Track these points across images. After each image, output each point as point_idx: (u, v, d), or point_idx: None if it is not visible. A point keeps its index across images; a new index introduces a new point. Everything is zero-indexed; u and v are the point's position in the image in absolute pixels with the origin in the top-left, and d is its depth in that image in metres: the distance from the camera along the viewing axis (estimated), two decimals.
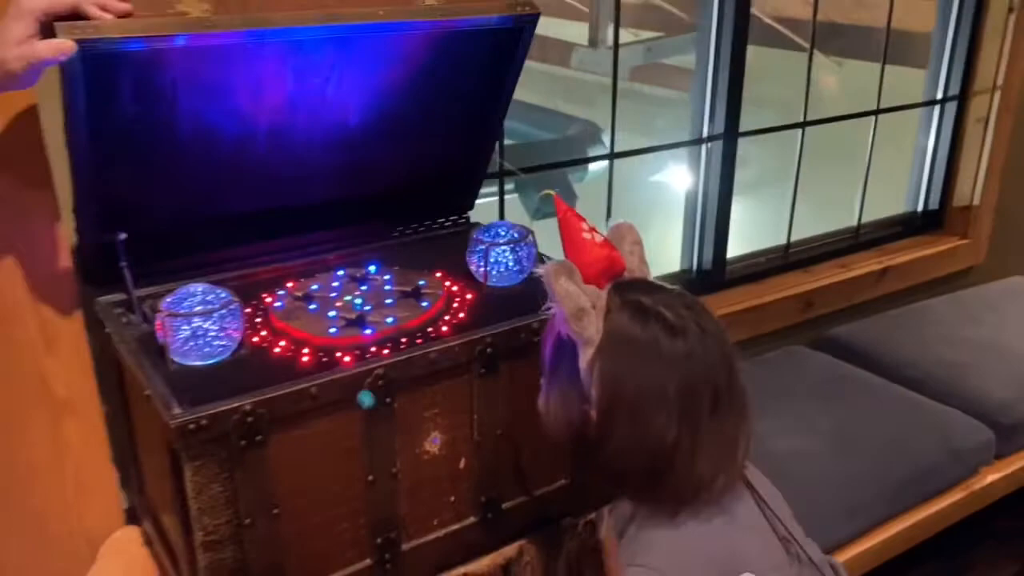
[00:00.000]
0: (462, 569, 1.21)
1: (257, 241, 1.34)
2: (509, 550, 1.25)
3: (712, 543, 0.97)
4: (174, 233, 1.28)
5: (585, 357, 0.93)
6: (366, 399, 1.04)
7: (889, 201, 2.67)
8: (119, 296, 1.22)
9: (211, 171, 1.25)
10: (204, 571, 1.00)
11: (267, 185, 1.32)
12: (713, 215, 2.15)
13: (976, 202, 2.56)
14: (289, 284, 1.28)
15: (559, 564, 1.32)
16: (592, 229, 1.04)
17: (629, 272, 1.02)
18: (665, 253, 2.26)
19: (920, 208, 2.65)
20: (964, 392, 2.00)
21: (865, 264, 2.40)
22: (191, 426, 0.93)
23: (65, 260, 1.20)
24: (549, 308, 0.97)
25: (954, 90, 2.50)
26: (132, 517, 1.33)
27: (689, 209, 2.20)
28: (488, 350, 1.13)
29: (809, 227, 2.43)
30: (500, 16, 1.25)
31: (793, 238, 2.36)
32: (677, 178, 2.35)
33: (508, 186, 2.27)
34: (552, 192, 1.09)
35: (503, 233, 1.34)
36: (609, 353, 0.92)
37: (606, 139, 5.25)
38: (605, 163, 5.23)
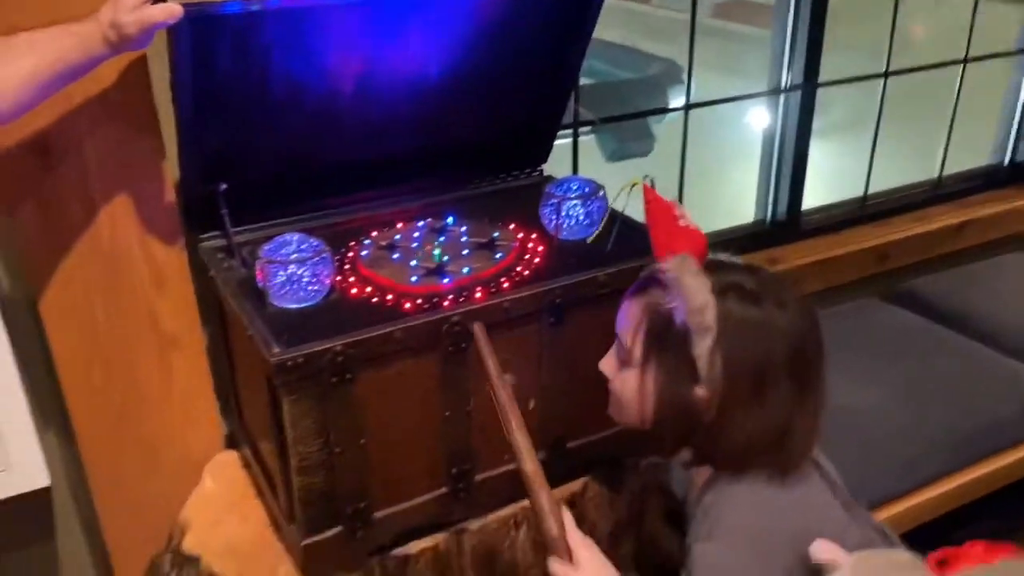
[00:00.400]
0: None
1: (344, 192, 1.43)
2: (574, 485, 1.34)
3: (792, 515, 1.02)
4: (269, 184, 1.38)
5: (704, 344, 0.95)
6: None
7: (977, 152, 2.61)
8: (220, 242, 1.33)
9: (301, 126, 1.34)
10: (298, 492, 1.11)
11: (353, 139, 1.40)
12: (789, 165, 2.15)
13: None
14: (374, 233, 1.37)
15: (621, 500, 1.40)
16: (683, 214, 1.07)
17: None
18: (742, 202, 2.27)
19: (1006, 160, 2.58)
20: None
21: (944, 217, 2.37)
22: (289, 363, 1.03)
23: (172, 207, 1.30)
24: (672, 304, 0.98)
25: None
26: (231, 442, 1.47)
27: (765, 159, 2.20)
28: (557, 300, 1.20)
29: (890, 176, 2.40)
30: None
31: (873, 188, 2.34)
32: (758, 121, 2.35)
33: (584, 127, 2.30)
34: (640, 181, 1.12)
35: (575, 188, 1.39)
36: (730, 337, 0.95)
37: (686, 78, 5.16)
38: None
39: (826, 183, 2.38)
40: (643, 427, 1.06)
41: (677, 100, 4.81)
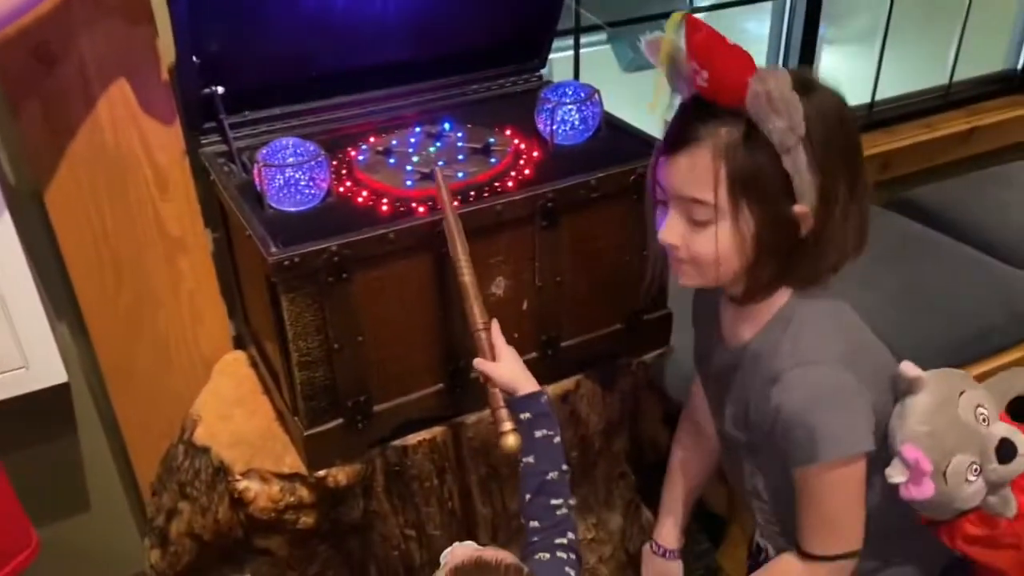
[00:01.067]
0: None
1: (341, 96, 1.45)
2: (567, 383, 1.40)
3: (859, 328, 1.05)
4: (266, 87, 1.40)
5: (799, 157, 0.89)
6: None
7: (992, 56, 2.57)
8: (220, 147, 1.36)
9: (297, 30, 1.35)
10: (300, 387, 1.17)
11: (349, 43, 1.41)
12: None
13: None
14: (371, 139, 1.39)
15: (614, 397, 1.46)
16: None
17: None
18: None
19: (1019, 66, 2.54)
20: None
21: (951, 124, 2.35)
22: (286, 263, 1.07)
23: (172, 111, 1.32)
24: (772, 125, 0.89)
25: None
26: (239, 343, 1.53)
27: (771, 61, 2.18)
28: (549, 204, 1.23)
29: (904, 83, 2.37)
30: None
31: (884, 95, 2.32)
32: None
33: (599, 36, 2.23)
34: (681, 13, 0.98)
35: (569, 92, 1.40)
36: (819, 139, 0.90)
37: None
38: (706, 3, 4.96)
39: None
40: (730, 279, 1.00)
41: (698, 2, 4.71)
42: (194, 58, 1.27)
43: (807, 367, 0.97)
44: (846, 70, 2.49)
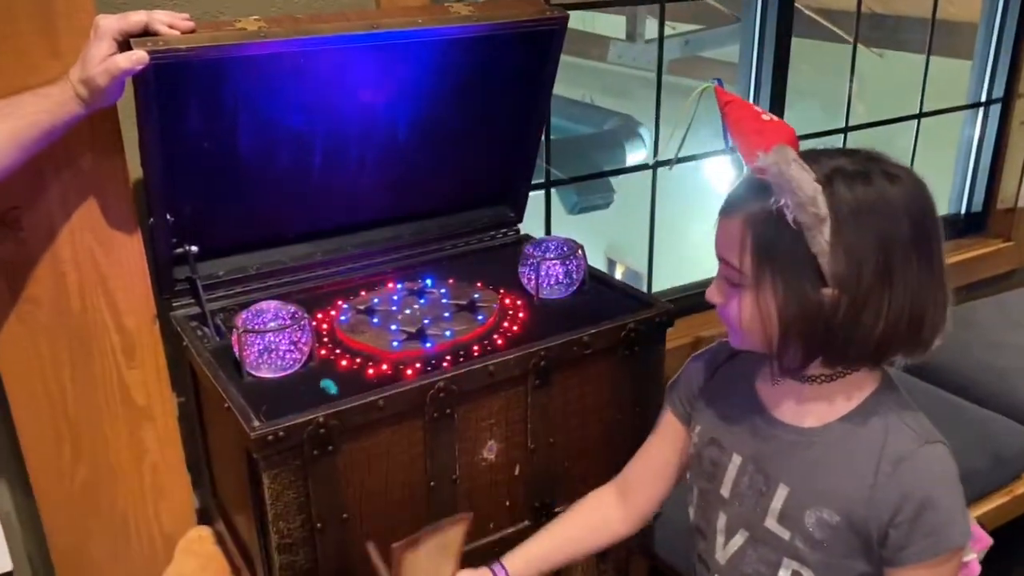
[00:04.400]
0: None
1: (317, 254, 1.41)
2: None
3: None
4: (241, 247, 1.36)
5: (822, 238, 0.87)
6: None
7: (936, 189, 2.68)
8: (193, 309, 1.30)
9: (273, 189, 1.33)
10: (279, 572, 1.07)
11: (325, 200, 1.39)
12: None
13: (1020, 204, 2.56)
14: (351, 297, 1.35)
15: (607, 564, 1.38)
16: (764, 112, 0.96)
17: None
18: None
19: (963, 210, 2.65)
20: (1008, 397, 2.01)
21: None
22: (269, 437, 1.00)
23: (143, 274, 1.27)
24: (779, 203, 0.88)
25: (998, 92, 2.50)
26: (203, 517, 1.41)
27: None
28: (542, 363, 1.19)
29: None
30: (531, 19, 1.31)
31: None
32: (717, 176, 2.38)
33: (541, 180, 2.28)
34: (710, 84, 1.00)
35: (553, 247, 1.39)
36: (848, 222, 0.87)
37: (643, 132, 5.21)
38: (643, 156, 5.15)
39: None
40: (769, 349, 0.96)
41: (634, 153, 4.94)
42: (168, 216, 1.23)
43: (937, 445, 0.94)
44: None
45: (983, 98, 2.52)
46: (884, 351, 0.93)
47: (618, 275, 6.37)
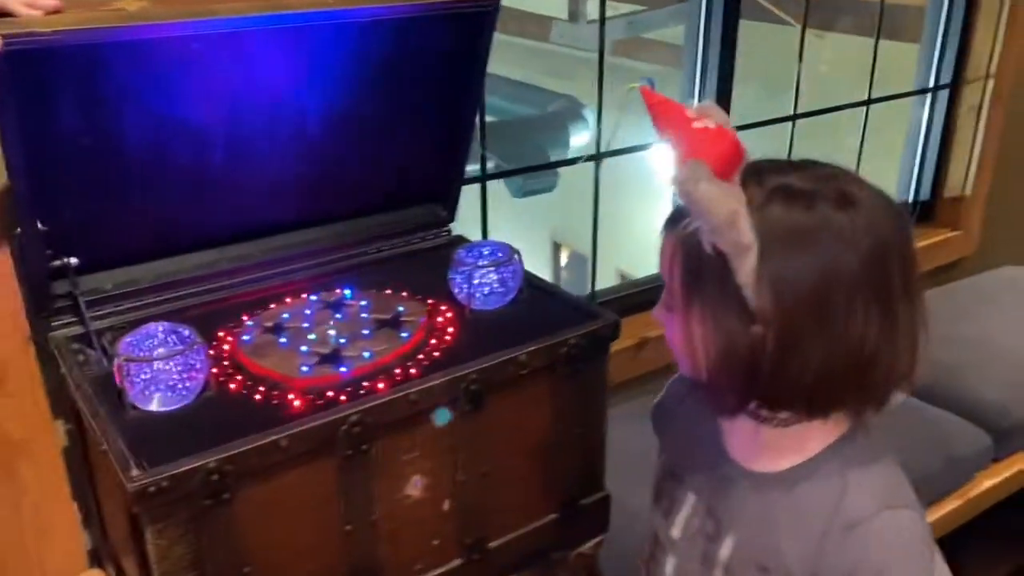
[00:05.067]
0: None
1: (222, 262, 1.26)
2: None
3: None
4: (133, 257, 1.20)
5: (746, 267, 0.75)
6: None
7: (883, 176, 2.62)
8: (75, 329, 1.14)
9: (167, 187, 1.17)
10: None
11: (228, 202, 1.24)
12: None
13: (968, 192, 2.51)
14: (258, 312, 1.20)
15: None
16: (700, 116, 0.82)
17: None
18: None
19: (911, 198, 2.59)
20: (959, 395, 1.96)
21: None
22: (151, 488, 0.85)
23: (13, 290, 1.11)
24: (685, 228, 0.78)
25: (946, 78, 2.43)
26: (96, 558, 1.26)
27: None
28: (472, 387, 1.06)
29: None
30: (459, 1, 1.17)
31: None
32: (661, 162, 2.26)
33: (489, 164, 2.15)
34: (636, 85, 0.87)
35: (486, 253, 1.26)
36: (777, 252, 0.75)
37: (587, 114, 5.11)
38: (587, 139, 5.06)
39: None
40: (703, 383, 0.84)
41: (578, 136, 4.84)
42: (39, 225, 1.07)
43: (897, 512, 0.81)
44: None
45: (931, 83, 2.46)
46: (821, 401, 0.80)
47: (564, 259, 6.27)
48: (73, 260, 1.12)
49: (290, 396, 1.02)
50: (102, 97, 1.04)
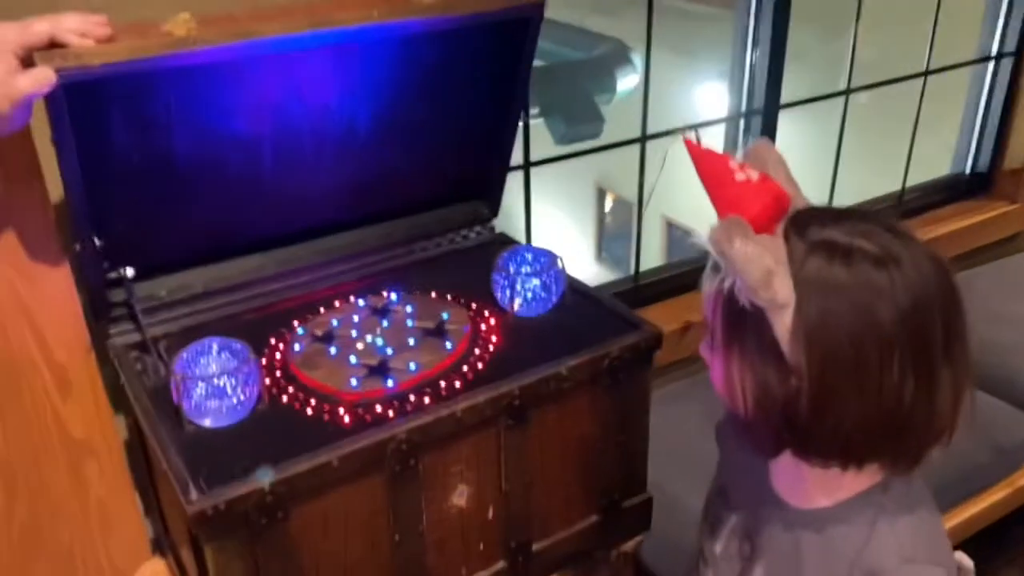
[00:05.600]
0: None
1: (271, 266, 1.29)
2: None
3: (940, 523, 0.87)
4: (186, 263, 1.24)
5: (783, 323, 0.75)
6: None
7: (940, 155, 2.54)
8: (132, 336, 1.18)
9: (217, 197, 1.20)
10: None
11: (277, 207, 1.26)
12: None
13: None
14: (308, 317, 1.23)
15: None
16: (743, 167, 0.82)
17: (791, 203, 0.82)
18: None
19: (968, 170, 2.52)
20: (1008, 378, 1.92)
21: None
22: (209, 512, 0.89)
23: (74, 301, 1.14)
24: (724, 280, 0.79)
25: (1010, 46, 2.34)
26: (158, 546, 1.32)
27: None
28: (516, 402, 1.08)
29: (859, 189, 2.32)
30: (502, 8, 1.15)
31: (841, 202, 2.27)
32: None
33: (533, 110, 2.09)
34: (687, 135, 0.86)
35: (529, 259, 1.27)
36: (814, 310, 0.75)
37: (635, 58, 4.95)
38: (635, 82, 4.90)
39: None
40: (742, 419, 0.85)
41: (624, 80, 4.72)
42: (96, 240, 1.10)
43: (919, 567, 0.81)
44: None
45: (994, 52, 2.37)
46: (855, 454, 0.80)
47: (608, 204, 6.20)
48: (129, 271, 1.16)
49: (340, 411, 1.05)
50: (152, 117, 1.06)
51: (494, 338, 1.19)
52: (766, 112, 1.96)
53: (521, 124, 1.50)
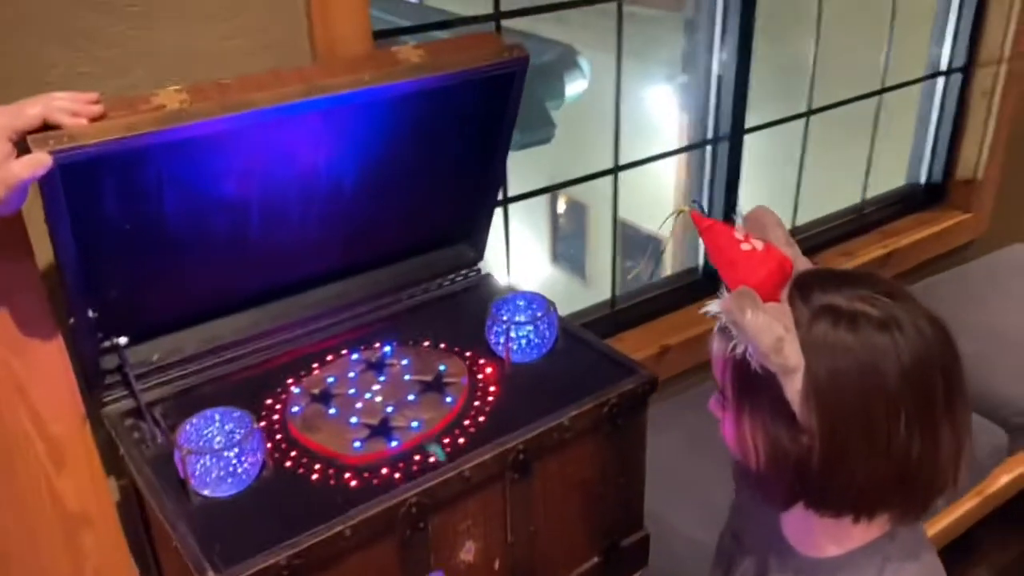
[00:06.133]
0: None
1: (261, 323, 1.28)
2: None
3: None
4: (177, 324, 1.22)
5: (794, 386, 0.79)
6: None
7: (897, 167, 2.62)
8: (127, 403, 1.17)
9: (206, 260, 1.19)
10: None
11: (265, 265, 1.26)
12: (721, 211, 2.09)
13: (980, 175, 2.51)
14: (303, 375, 1.23)
15: None
16: (747, 237, 0.85)
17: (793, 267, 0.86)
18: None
19: (923, 180, 2.60)
20: (977, 389, 1.98)
21: (869, 250, 2.36)
22: None
23: (68, 374, 1.13)
24: (735, 346, 0.81)
25: (959, 62, 2.42)
26: None
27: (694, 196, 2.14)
28: (521, 456, 1.09)
29: (815, 199, 2.38)
30: (488, 64, 1.17)
31: (805, 217, 2.33)
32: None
33: None
34: (686, 209, 0.91)
35: (522, 305, 1.28)
36: (823, 372, 0.78)
37: (582, 62, 4.97)
38: (583, 87, 4.89)
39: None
40: (754, 474, 0.88)
41: (572, 84, 4.75)
42: (90, 312, 1.09)
43: None
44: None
45: (943, 67, 2.45)
46: (867, 507, 0.83)
47: (561, 207, 6.22)
48: (122, 340, 1.14)
49: (346, 475, 1.05)
50: (143, 187, 1.05)
51: (492, 388, 1.20)
52: (732, 137, 2.01)
53: None
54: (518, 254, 1.30)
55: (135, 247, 1.10)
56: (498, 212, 1.67)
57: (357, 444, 1.09)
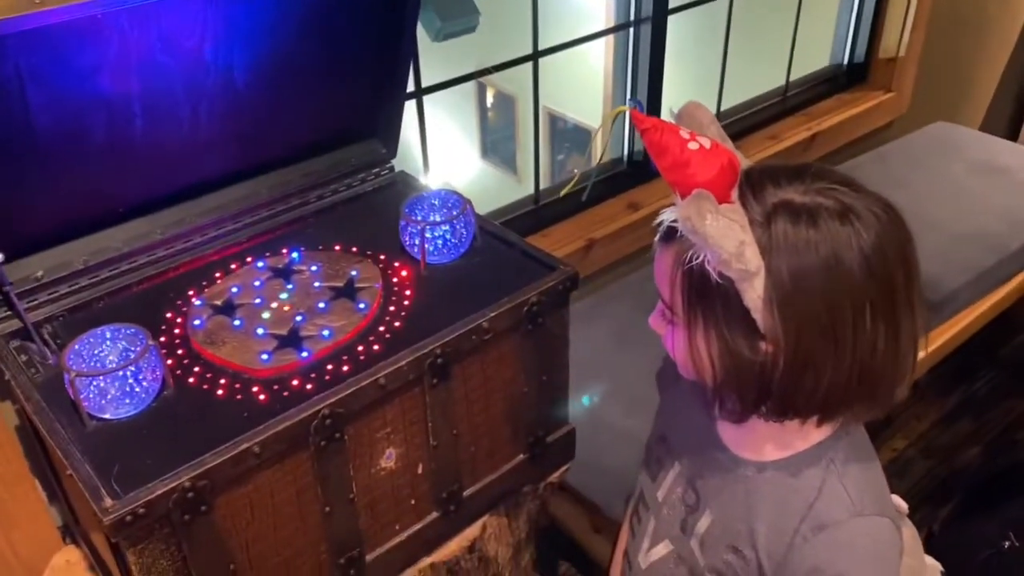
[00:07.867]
0: (428, 560, 1.20)
1: (157, 231, 1.19)
2: (472, 530, 1.24)
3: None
4: (63, 237, 1.13)
5: (754, 292, 0.74)
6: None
7: (823, 46, 2.58)
8: (12, 323, 1.08)
9: (87, 164, 1.09)
10: None
11: (156, 168, 1.16)
12: (645, 98, 2.02)
13: (902, 53, 2.49)
14: (204, 285, 1.15)
15: (519, 524, 1.32)
16: (692, 135, 0.78)
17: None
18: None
19: (846, 61, 2.57)
20: None
21: (795, 133, 2.33)
22: (127, 517, 0.84)
23: None
24: (689, 254, 0.75)
25: None
26: (70, 533, 1.26)
27: (619, 90, 2.07)
28: (439, 360, 1.05)
29: (743, 82, 2.33)
30: None
31: (730, 101, 2.28)
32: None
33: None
34: (626, 108, 0.84)
35: (437, 204, 1.22)
36: (785, 275, 0.74)
37: None
38: None
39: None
40: (708, 391, 0.84)
41: None
42: None
43: (868, 519, 0.82)
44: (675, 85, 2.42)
45: None
46: (832, 409, 0.80)
47: (489, 99, 6.06)
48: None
49: (254, 389, 1.00)
50: (3, 83, 0.94)
51: (408, 292, 1.15)
52: (655, 19, 1.92)
53: None
54: (446, 150, 1.21)
55: (2, 154, 1.00)
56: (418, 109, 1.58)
57: (265, 356, 1.03)
